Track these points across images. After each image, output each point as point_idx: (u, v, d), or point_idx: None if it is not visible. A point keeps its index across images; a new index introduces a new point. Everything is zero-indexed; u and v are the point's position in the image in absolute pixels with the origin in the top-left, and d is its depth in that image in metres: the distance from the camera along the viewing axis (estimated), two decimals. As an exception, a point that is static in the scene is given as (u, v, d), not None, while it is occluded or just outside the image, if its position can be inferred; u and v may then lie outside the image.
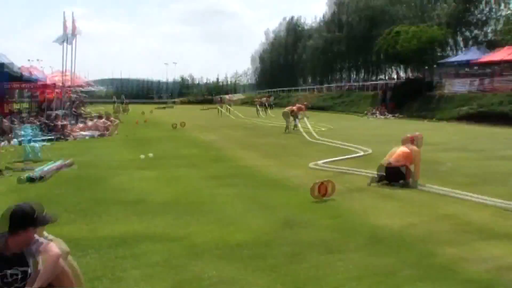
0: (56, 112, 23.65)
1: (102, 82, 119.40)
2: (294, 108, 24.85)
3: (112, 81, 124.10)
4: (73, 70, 26.69)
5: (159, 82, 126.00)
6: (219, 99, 53.38)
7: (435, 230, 6.59)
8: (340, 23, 75.20)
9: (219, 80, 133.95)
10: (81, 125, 22.92)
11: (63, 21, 23.59)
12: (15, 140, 16.08)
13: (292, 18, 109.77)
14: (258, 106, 48.22)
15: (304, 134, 21.76)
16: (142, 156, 13.67)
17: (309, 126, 23.26)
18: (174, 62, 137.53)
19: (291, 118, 24.12)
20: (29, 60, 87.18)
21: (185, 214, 7.22)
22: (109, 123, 22.39)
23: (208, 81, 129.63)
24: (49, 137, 17.92)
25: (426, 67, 46.49)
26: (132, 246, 5.71)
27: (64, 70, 24.54)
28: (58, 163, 11.50)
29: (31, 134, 15.72)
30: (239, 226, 6.63)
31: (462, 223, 6.95)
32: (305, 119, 24.28)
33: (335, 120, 36.65)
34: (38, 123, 20.56)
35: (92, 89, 47.97)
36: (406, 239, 6.17)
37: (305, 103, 25.92)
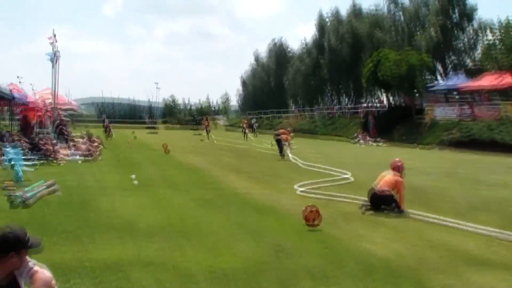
0: (48, 132, 23.52)
1: (91, 101, 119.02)
2: (281, 132, 24.83)
3: (102, 102, 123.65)
4: (56, 90, 26.56)
5: (150, 103, 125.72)
6: (206, 122, 52.38)
7: (426, 258, 6.68)
8: (330, 47, 75.83)
9: (209, 102, 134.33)
10: (71, 145, 22.77)
11: (52, 40, 23.60)
12: (4, 160, 15.87)
13: (280, 40, 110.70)
14: (245, 129, 47.88)
15: (294, 159, 22.03)
16: (135, 182, 13.63)
17: (290, 155, 23.37)
18: (155, 83, 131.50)
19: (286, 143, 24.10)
20: (18, 77, 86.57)
21: (176, 238, 7.24)
22: (92, 147, 22.13)
23: (198, 103, 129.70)
24: (36, 159, 17.77)
25: (416, 93, 46.99)
26: (125, 271, 5.71)
27: (55, 90, 24.47)
28: (43, 183, 11.41)
29: (18, 154, 15.53)
30: (230, 252, 6.67)
31: (453, 251, 7.05)
32: (288, 149, 24.09)
33: (321, 145, 36.92)
34: (26, 143, 20.40)
35: (73, 110, 47.56)
36: (396, 267, 6.24)
37: (288, 129, 25.90)
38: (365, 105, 64.92)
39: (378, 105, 62.99)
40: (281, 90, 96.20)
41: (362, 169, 18.79)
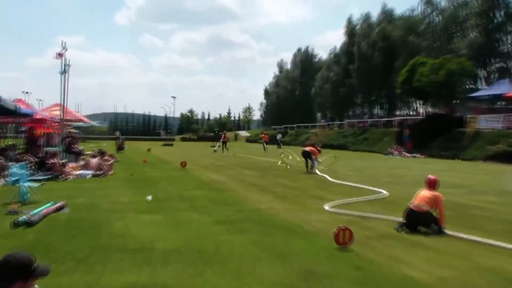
0: (55, 148, 23.71)
1: (103, 117, 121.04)
2: (310, 149, 24.85)
3: (115, 116, 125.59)
4: (65, 104, 26.83)
5: (166, 117, 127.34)
6: (223, 134, 54.17)
7: (473, 284, 6.50)
8: (360, 54, 75.56)
9: (230, 116, 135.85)
10: (81, 163, 22.89)
11: (61, 51, 23.97)
12: (9, 181, 16.04)
13: (306, 48, 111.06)
14: (264, 143, 49.65)
15: (322, 174, 21.95)
16: (149, 198, 13.71)
17: (317, 171, 23.41)
18: (172, 96, 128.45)
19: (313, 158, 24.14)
20: (23, 92, 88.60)
21: (196, 263, 7.16)
22: (104, 165, 22.20)
23: (218, 117, 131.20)
24: (43, 177, 17.92)
25: (455, 101, 46.52)
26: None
27: (64, 103, 24.75)
28: (52, 205, 11.46)
29: (23, 172, 15.67)
30: (255, 277, 6.57)
31: (503, 277, 6.86)
32: (315, 166, 24.05)
33: (352, 158, 36.65)
34: (33, 160, 20.58)
35: (84, 124, 48.26)
36: (439, 293, 6.10)
37: (318, 148, 25.78)
38: (399, 116, 64.60)
39: (422, 112, 62.49)
40: (308, 101, 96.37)
41: (398, 184, 18.67)
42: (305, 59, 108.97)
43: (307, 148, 24.96)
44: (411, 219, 9.85)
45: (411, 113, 66.61)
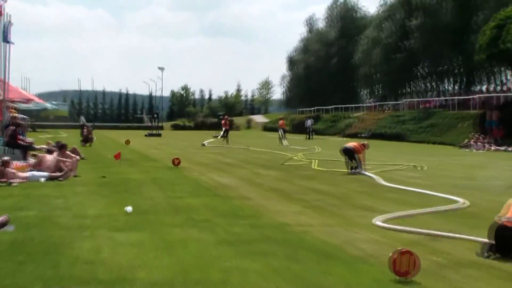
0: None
1: (63, 96, 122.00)
2: (354, 145, 24.94)
3: (79, 94, 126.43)
4: (6, 79, 26.85)
5: (150, 97, 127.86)
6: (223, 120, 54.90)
7: None
8: (424, 5, 75.08)
9: (241, 94, 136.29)
10: (32, 161, 22.91)
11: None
12: None
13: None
14: (281, 132, 50.47)
15: (371, 175, 22.01)
16: (129, 209, 13.74)
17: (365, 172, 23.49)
18: (159, 67, 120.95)
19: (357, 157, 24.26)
20: None
21: (193, 300, 7.16)
22: (65, 164, 22.11)
23: (223, 95, 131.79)
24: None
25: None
26: None
27: (5, 77, 24.84)
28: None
29: None
30: (279, 321, 6.57)
31: None
32: (361, 169, 24.09)
33: (413, 153, 36.58)
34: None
35: (35, 107, 48.22)
36: None
37: (364, 143, 25.77)
38: (481, 93, 64.21)
39: (502, 89, 62.11)
40: (349, 73, 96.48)
41: (481, 190, 18.63)
42: (345, 15, 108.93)
43: (350, 145, 25.00)
44: (502, 239, 9.73)
45: (499, 88, 66.13)
